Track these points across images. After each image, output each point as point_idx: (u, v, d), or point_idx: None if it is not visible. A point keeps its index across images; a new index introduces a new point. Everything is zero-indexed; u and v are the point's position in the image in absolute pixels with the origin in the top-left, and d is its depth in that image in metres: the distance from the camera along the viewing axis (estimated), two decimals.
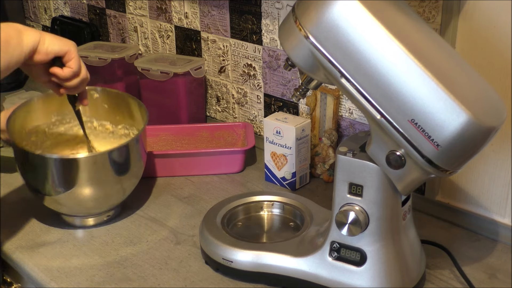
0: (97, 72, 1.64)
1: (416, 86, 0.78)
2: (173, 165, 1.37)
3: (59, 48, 1.03)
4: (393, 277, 0.93)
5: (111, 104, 1.31)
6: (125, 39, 1.86)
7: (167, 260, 1.09)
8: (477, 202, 1.14)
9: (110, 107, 1.31)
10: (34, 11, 2.22)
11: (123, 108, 1.30)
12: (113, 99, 1.30)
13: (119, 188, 1.18)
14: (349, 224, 0.92)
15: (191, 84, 1.55)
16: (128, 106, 1.29)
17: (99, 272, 1.06)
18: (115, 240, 1.15)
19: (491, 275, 1.03)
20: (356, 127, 1.31)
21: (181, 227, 1.19)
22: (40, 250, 1.12)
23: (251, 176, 1.38)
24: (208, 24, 1.57)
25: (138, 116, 1.27)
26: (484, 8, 1.02)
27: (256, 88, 1.51)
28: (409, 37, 0.81)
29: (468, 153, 0.81)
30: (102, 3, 1.89)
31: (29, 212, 1.25)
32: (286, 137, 1.28)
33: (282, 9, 1.37)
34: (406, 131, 0.81)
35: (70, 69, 1.06)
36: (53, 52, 1.03)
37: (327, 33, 0.82)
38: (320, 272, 0.96)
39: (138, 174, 1.22)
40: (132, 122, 1.30)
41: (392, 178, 0.88)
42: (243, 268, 1.01)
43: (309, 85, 0.96)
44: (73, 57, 1.05)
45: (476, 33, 1.05)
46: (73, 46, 1.06)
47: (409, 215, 0.97)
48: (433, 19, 1.10)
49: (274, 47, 1.42)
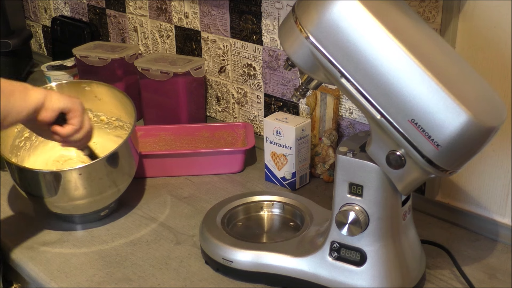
0: (97, 72, 1.64)
1: (416, 86, 0.78)
2: (173, 165, 1.37)
3: (64, 104, 1.03)
4: (393, 277, 0.93)
5: (103, 97, 1.31)
6: (125, 39, 1.86)
7: (167, 260, 1.09)
8: (477, 202, 1.14)
9: (102, 100, 1.30)
10: (34, 11, 2.22)
11: (115, 101, 1.30)
12: (104, 92, 1.30)
13: (114, 188, 1.18)
14: (349, 224, 0.92)
15: (191, 84, 1.55)
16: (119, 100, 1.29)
17: (99, 272, 1.06)
18: (115, 240, 1.15)
19: (491, 275, 1.03)
20: (356, 127, 1.31)
21: (181, 227, 1.19)
22: (40, 250, 1.12)
23: (251, 176, 1.38)
24: (208, 24, 1.57)
25: (130, 110, 1.27)
26: (484, 8, 1.02)
27: (256, 88, 1.51)
28: (409, 37, 0.81)
29: (468, 153, 0.81)
30: (102, 3, 1.89)
31: (29, 211, 1.25)
32: (286, 137, 1.28)
33: (282, 9, 1.37)
34: (406, 131, 0.81)
35: (72, 126, 1.06)
36: (59, 108, 1.03)
37: (327, 33, 0.82)
38: (320, 272, 0.96)
39: (131, 172, 1.22)
40: (125, 116, 1.30)
41: (392, 178, 0.88)
42: (243, 268, 1.01)
43: (309, 85, 0.96)
44: (76, 115, 1.05)
45: (476, 33, 1.05)
46: (79, 104, 1.06)
47: (409, 215, 0.97)
48: (433, 19, 1.10)
49: (274, 47, 1.43)
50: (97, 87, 1.30)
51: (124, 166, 1.19)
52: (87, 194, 1.14)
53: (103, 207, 1.19)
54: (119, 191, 1.19)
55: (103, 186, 1.15)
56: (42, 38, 2.25)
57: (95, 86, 1.30)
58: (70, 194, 1.13)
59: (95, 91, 1.30)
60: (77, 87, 1.30)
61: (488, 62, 1.04)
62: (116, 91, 1.28)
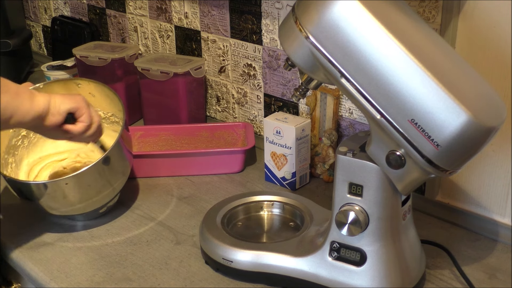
0: (97, 72, 1.64)
1: (416, 86, 0.78)
2: (173, 165, 1.37)
3: (69, 105, 1.04)
4: (393, 277, 0.93)
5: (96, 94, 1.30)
6: (125, 39, 1.86)
7: (167, 260, 1.09)
8: (477, 202, 1.14)
9: (96, 97, 1.30)
10: (34, 11, 2.22)
11: (108, 99, 1.29)
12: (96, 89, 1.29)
13: (108, 188, 1.18)
14: (349, 224, 0.92)
15: (191, 84, 1.55)
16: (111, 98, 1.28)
17: (99, 272, 1.06)
18: (115, 240, 1.15)
19: (491, 275, 1.03)
20: (356, 127, 1.31)
21: (181, 227, 1.19)
22: (40, 250, 1.12)
23: (251, 176, 1.38)
24: (208, 24, 1.57)
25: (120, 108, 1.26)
26: (484, 8, 1.02)
27: (256, 88, 1.51)
28: (409, 37, 0.81)
29: (468, 153, 0.81)
30: (102, 3, 1.89)
31: (29, 211, 1.25)
32: (286, 137, 1.28)
33: (282, 9, 1.37)
34: (406, 131, 0.81)
35: (82, 124, 1.06)
36: (65, 111, 1.03)
37: (327, 33, 0.82)
38: (320, 272, 0.97)
39: (126, 171, 1.22)
40: (118, 113, 1.29)
41: (392, 178, 0.88)
42: (243, 268, 1.01)
43: (309, 85, 0.96)
44: (84, 112, 1.06)
45: (476, 33, 1.05)
46: (83, 101, 1.07)
47: (409, 215, 0.97)
48: (433, 19, 1.10)
49: (274, 47, 1.43)
50: (88, 84, 1.29)
51: (117, 167, 1.18)
52: (81, 199, 1.14)
53: (101, 206, 1.19)
54: (114, 190, 1.19)
55: (97, 188, 1.15)
56: (42, 38, 2.25)
57: (87, 83, 1.29)
58: (63, 200, 1.13)
59: (87, 89, 1.29)
60: (69, 85, 1.29)
61: (488, 62, 1.04)
62: (107, 89, 1.27)
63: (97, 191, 1.15)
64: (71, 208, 1.16)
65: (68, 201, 1.14)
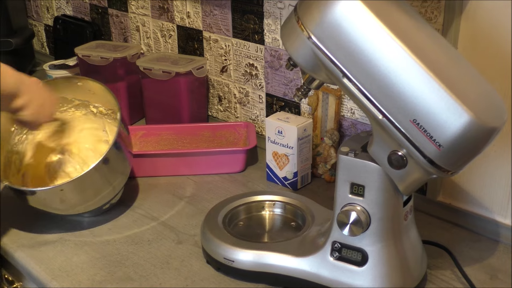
0: (99, 71, 1.64)
1: (418, 86, 0.78)
2: (175, 165, 1.37)
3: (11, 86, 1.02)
4: (394, 277, 0.93)
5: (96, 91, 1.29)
6: (127, 38, 1.86)
7: (169, 260, 1.09)
8: (478, 202, 1.14)
9: (96, 94, 1.30)
10: (37, 10, 2.22)
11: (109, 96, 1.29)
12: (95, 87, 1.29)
13: (108, 187, 1.18)
14: (351, 224, 0.92)
15: (193, 83, 1.55)
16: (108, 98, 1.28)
17: (101, 271, 1.06)
18: (117, 239, 1.15)
19: (492, 275, 1.03)
20: (358, 127, 1.31)
21: (183, 226, 1.19)
22: (42, 249, 1.13)
23: (252, 175, 1.38)
24: (210, 23, 1.57)
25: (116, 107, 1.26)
26: (486, 8, 1.02)
27: (258, 87, 1.51)
28: (411, 37, 0.81)
29: (470, 154, 0.81)
30: (105, 2, 1.89)
31: (30, 210, 1.25)
32: (288, 137, 1.28)
33: (284, 8, 1.37)
34: (408, 131, 0.81)
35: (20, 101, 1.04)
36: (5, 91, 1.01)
37: (329, 33, 0.82)
38: (322, 272, 0.96)
39: (126, 171, 1.22)
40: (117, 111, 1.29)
41: (393, 178, 0.88)
42: (245, 268, 1.01)
43: (311, 85, 0.96)
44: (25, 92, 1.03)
45: (478, 33, 1.04)
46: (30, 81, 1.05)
47: (411, 215, 0.97)
48: (435, 19, 1.10)
49: (276, 47, 1.42)
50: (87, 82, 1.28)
51: (115, 168, 1.18)
52: (80, 201, 1.14)
53: (103, 204, 1.19)
54: (114, 188, 1.19)
55: (96, 190, 1.15)
56: (44, 37, 2.25)
57: (85, 81, 1.28)
58: (62, 204, 1.14)
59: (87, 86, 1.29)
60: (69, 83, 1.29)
61: (490, 62, 1.04)
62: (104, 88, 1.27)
63: (95, 193, 1.15)
64: (71, 209, 1.16)
65: (67, 204, 1.14)
